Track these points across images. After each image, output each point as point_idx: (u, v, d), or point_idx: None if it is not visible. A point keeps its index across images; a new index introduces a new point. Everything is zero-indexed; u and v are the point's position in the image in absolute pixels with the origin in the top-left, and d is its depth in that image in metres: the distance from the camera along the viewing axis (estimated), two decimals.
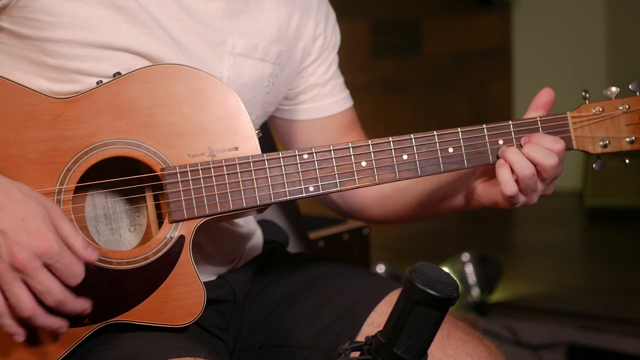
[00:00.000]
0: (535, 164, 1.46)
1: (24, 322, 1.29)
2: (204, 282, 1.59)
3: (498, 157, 1.49)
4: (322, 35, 1.70)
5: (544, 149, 1.47)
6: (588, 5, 5.69)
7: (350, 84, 1.82)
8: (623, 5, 5.59)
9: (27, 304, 1.26)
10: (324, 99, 1.73)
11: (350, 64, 4.78)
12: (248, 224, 1.72)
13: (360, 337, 1.55)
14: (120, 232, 1.48)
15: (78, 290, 1.37)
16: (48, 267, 1.26)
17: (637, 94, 1.53)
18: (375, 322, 1.56)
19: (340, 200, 1.77)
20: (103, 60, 1.44)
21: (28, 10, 1.42)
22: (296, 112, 1.74)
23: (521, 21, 5.95)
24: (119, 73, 1.42)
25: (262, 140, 1.47)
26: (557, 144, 1.47)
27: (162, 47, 1.47)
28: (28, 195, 1.29)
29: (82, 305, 1.31)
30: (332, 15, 1.74)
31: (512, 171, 1.46)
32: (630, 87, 1.53)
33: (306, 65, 1.70)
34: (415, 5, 5.29)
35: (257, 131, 1.46)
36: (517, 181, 1.46)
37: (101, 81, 1.42)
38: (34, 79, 1.43)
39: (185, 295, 1.42)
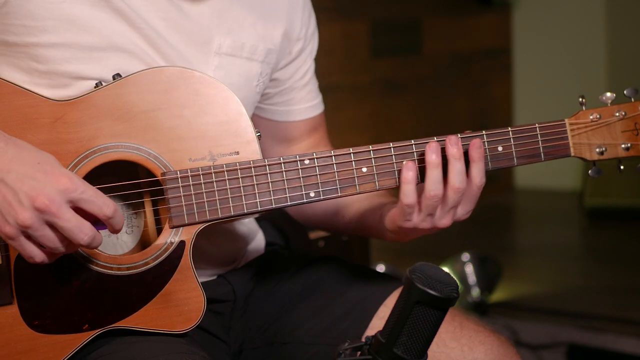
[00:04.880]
0: (448, 180, 1.43)
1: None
2: (204, 282, 1.58)
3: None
4: (303, 39, 1.69)
5: (462, 172, 1.43)
6: (588, 5, 5.69)
7: (350, 84, 1.83)
8: (623, 5, 5.59)
9: (62, 245, 1.24)
10: (298, 103, 1.73)
11: (350, 64, 4.78)
12: (249, 224, 1.72)
13: (371, 330, 1.56)
14: (117, 234, 1.47)
15: (77, 295, 1.37)
16: (75, 206, 1.24)
17: (632, 99, 1.53)
18: (387, 315, 1.56)
19: (294, 212, 1.78)
20: (91, 61, 1.43)
21: (13, 16, 1.40)
22: (269, 112, 1.73)
23: (521, 21, 5.94)
24: (118, 75, 1.41)
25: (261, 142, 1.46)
26: (481, 180, 1.44)
27: (147, 44, 1.46)
28: (39, 147, 1.29)
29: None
30: (314, 20, 1.73)
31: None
32: (625, 92, 1.53)
33: (284, 65, 1.69)
34: (415, 5, 5.29)
35: (257, 134, 1.45)
36: (420, 196, 1.44)
37: (100, 83, 1.41)
38: (25, 86, 1.40)
39: (185, 301, 1.41)
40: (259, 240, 1.76)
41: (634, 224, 4.97)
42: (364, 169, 1.46)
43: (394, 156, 1.47)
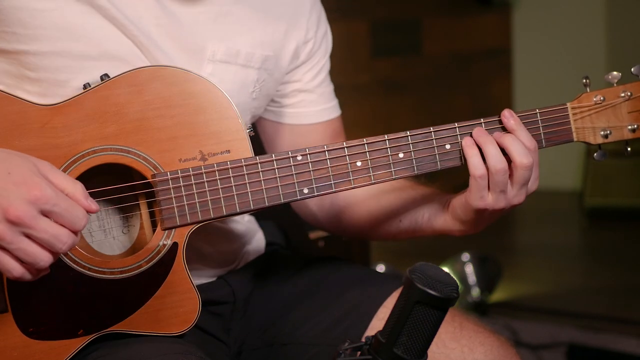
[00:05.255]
0: (511, 159, 1.42)
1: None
2: (204, 284, 1.58)
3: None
4: (312, 40, 1.67)
5: (523, 147, 1.43)
6: (588, 5, 5.69)
7: (350, 84, 1.82)
8: (623, 5, 5.59)
9: (42, 256, 1.20)
10: (310, 105, 1.70)
11: (350, 64, 4.78)
12: (248, 223, 1.71)
13: (371, 331, 1.55)
14: (113, 234, 1.45)
15: (71, 300, 1.36)
16: (47, 216, 1.20)
17: None
18: (386, 316, 1.56)
19: (318, 209, 1.74)
20: (83, 70, 1.41)
21: (3, 23, 1.39)
22: (281, 115, 1.71)
23: (521, 21, 5.94)
24: (106, 75, 1.39)
25: (253, 140, 1.44)
26: (533, 142, 1.44)
27: (140, 51, 1.44)
28: (13, 153, 1.25)
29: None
30: (324, 21, 1.71)
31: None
32: (632, 70, 1.48)
33: (293, 68, 1.66)
34: (415, 5, 5.29)
35: (248, 130, 1.43)
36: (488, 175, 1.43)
37: (89, 84, 1.39)
38: (18, 93, 1.38)
39: (180, 303, 1.40)
40: (258, 240, 1.75)
41: (634, 224, 4.97)
42: (359, 163, 1.44)
43: (389, 149, 1.46)
